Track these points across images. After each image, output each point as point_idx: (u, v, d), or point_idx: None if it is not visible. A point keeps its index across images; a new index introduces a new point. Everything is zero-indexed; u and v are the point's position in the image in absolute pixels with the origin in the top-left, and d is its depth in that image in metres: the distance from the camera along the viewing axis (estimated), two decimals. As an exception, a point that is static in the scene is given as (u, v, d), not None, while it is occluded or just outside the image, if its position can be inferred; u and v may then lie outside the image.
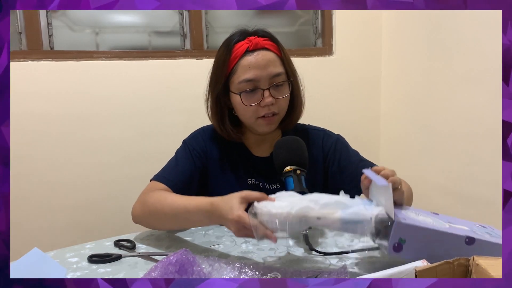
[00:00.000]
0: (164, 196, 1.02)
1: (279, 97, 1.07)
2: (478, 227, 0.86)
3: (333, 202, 0.79)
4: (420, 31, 1.96)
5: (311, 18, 2.17)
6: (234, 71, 1.06)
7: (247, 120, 1.09)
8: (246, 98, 1.05)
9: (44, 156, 1.70)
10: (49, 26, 1.74)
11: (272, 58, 1.06)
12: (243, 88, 1.05)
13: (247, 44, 1.05)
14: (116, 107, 1.77)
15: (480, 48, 1.66)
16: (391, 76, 2.19)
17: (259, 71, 1.04)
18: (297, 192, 0.94)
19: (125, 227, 1.65)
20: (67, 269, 0.86)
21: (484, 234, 0.80)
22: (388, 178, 0.82)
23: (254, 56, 1.04)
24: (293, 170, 0.96)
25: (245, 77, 1.04)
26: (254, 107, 1.06)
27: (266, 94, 1.04)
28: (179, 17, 1.91)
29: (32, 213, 1.71)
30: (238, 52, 1.05)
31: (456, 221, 0.86)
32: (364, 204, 0.81)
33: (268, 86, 1.05)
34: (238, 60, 1.05)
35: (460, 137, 1.78)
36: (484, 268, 0.59)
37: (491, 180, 1.65)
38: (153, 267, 0.75)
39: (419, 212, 0.86)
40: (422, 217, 0.83)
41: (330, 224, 0.78)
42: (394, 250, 0.76)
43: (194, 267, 0.78)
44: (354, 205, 0.79)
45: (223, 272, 0.81)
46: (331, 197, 0.81)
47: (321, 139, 1.17)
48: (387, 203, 0.78)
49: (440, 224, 0.81)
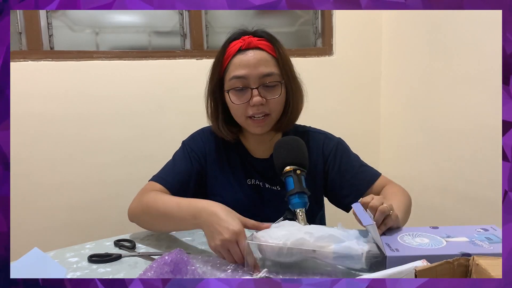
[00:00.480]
0: (160, 196, 1.03)
1: (269, 97, 1.05)
2: (479, 232, 0.85)
3: (327, 235, 0.82)
4: (420, 31, 1.96)
5: (311, 18, 2.17)
6: (226, 69, 1.07)
7: (238, 119, 1.10)
8: (236, 96, 1.05)
9: (44, 156, 1.70)
10: (49, 26, 1.74)
11: (264, 58, 1.05)
12: (232, 86, 1.05)
13: (240, 43, 1.05)
14: (116, 107, 1.77)
15: (480, 48, 1.66)
16: (391, 76, 2.18)
17: (249, 69, 1.03)
18: (297, 192, 0.94)
19: (125, 227, 1.65)
20: (67, 269, 0.86)
21: (483, 242, 0.80)
22: (376, 210, 0.85)
23: (245, 54, 1.05)
24: (293, 170, 0.97)
25: (235, 74, 1.04)
26: (243, 106, 1.05)
27: (255, 93, 1.04)
28: (179, 17, 1.91)
29: (32, 213, 1.71)
30: (232, 50, 1.06)
31: (456, 232, 0.85)
32: (358, 238, 0.83)
33: (258, 86, 1.04)
34: (231, 58, 1.06)
35: (460, 137, 1.78)
36: (484, 268, 0.59)
37: (491, 180, 1.65)
38: (148, 267, 0.75)
39: (416, 232, 0.87)
40: (418, 238, 0.84)
41: (323, 257, 0.81)
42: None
43: (189, 267, 0.78)
44: (347, 239, 0.82)
45: (217, 272, 0.81)
46: (326, 230, 0.84)
47: (322, 142, 1.16)
48: (376, 239, 0.81)
49: (436, 242, 0.81)
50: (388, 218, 0.86)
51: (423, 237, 0.84)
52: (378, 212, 0.85)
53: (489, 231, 0.86)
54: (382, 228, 0.86)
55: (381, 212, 0.85)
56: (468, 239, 0.82)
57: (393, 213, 0.88)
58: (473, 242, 0.81)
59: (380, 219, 0.85)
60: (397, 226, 0.90)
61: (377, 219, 0.84)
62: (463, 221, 1.78)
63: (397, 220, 0.89)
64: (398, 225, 0.90)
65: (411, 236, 0.85)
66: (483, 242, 0.80)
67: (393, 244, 0.81)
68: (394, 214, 0.88)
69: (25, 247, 0.88)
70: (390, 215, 0.87)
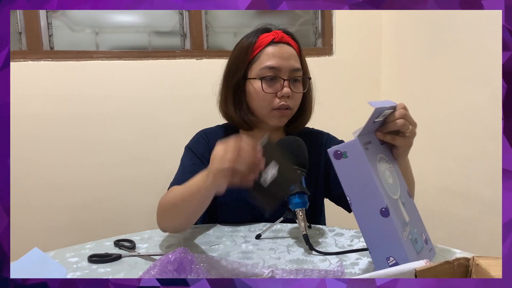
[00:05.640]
0: (173, 189, 1.02)
1: (296, 91, 1.10)
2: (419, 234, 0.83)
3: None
4: (420, 31, 1.96)
5: (311, 18, 2.17)
6: (256, 58, 1.10)
7: (262, 110, 1.11)
8: (266, 85, 1.08)
9: (44, 156, 1.70)
10: (49, 26, 1.74)
11: (294, 54, 1.11)
12: (264, 74, 1.08)
13: (273, 35, 1.10)
14: (116, 107, 1.77)
15: (480, 48, 1.66)
16: (391, 76, 2.19)
17: (282, 61, 1.08)
18: (297, 192, 0.94)
19: (125, 227, 1.65)
20: (67, 269, 0.86)
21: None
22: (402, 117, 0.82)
23: (278, 47, 1.09)
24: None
25: (268, 64, 1.08)
26: (271, 96, 1.09)
27: (285, 84, 1.08)
28: (179, 17, 1.91)
29: (32, 213, 1.71)
30: (264, 41, 1.09)
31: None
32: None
33: (288, 78, 1.09)
34: (263, 48, 1.09)
35: (460, 137, 1.78)
36: (484, 268, 0.59)
37: (491, 180, 1.65)
38: (152, 266, 0.75)
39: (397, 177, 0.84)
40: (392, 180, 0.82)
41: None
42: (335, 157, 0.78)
43: (193, 266, 0.78)
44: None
45: (222, 271, 0.81)
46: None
47: (324, 142, 1.19)
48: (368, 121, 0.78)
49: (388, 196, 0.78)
50: (401, 136, 0.84)
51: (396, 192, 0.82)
52: (400, 113, 0.81)
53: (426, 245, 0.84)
54: (386, 135, 0.83)
55: (403, 115, 0.81)
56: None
57: (411, 135, 0.85)
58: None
59: (395, 119, 0.82)
60: (403, 152, 0.87)
61: (391, 120, 0.82)
62: (463, 221, 1.78)
63: (407, 145, 0.86)
64: (404, 151, 0.87)
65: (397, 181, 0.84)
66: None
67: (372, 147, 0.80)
68: (411, 137, 0.85)
69: (25, 247, 0.88)
70: (406, 134, 0.84)
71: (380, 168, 0.80)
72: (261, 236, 1.01)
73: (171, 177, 1.13)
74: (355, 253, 0.91)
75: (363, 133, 0.79)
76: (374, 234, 0.77)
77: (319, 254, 0.90)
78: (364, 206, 0.77)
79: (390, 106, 0.81)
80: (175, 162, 1.17)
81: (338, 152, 0.78)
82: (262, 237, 1.01)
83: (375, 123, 0.81)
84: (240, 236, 1.03)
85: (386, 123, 0.83)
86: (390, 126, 0.83)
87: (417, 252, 0.78)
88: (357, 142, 0.77)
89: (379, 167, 0.80)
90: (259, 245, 0.97)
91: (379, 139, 0.84)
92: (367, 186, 0.76)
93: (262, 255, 0.92)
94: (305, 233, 0.92)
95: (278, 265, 0.87)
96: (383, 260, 0.77)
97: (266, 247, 0.96)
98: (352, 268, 0.84)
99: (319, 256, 0.90)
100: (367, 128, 0.79)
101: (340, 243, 0.97)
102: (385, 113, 0.81)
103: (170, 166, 1.76)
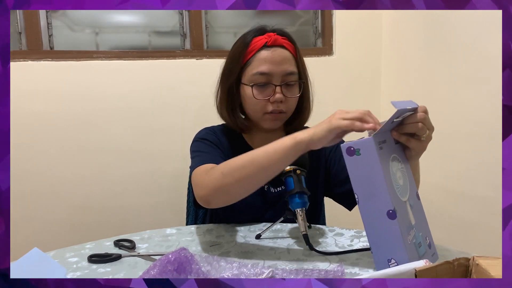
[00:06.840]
0: (241, 156, 0.91)
1: (289, 96, 1.08)
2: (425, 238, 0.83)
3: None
4: (420, 31, 1.96)
5: (311, 18, 2.17)
6: (249, 63, 1.07)
7: (255, 114, 1.10)
8: (257, 91, 1.07)
9: (43, 155, 1.70)
10: (49, 26, 1.74)
11: (288, 57, 1.08)
12: (255, 81, 1.06)
13: (265, 39, 1.07)
14: (116, 107, 1.78)
15: (480, 48, 1.66)
16: (391, 76, 2.18)
17: (274, 66, 1.05)
18: (297, 192, 0.94)
19: (125, 227, 1.65)
20: (67, 269, 0.86)
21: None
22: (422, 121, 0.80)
23: (271, 51, 1.06)
24: (293, 170, 0.97)
25: (259, 70, 1.05)
26: (263, 102, 1.07)
27: (277, 90, 1.06)
28: (179, 17, 1.91)
29: (32, 213, 1.71)
30: (256, 45, 1.07)
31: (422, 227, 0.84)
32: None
33: (281, 83, 1.06)
34: (255, 53, 1.06)
35: (460, 137, 1.78)
36: (484, 268, 0.59)
37: (491, 180, 1.65)
38: (152, 266, 0.75)
39: (409, 188, 0.84)
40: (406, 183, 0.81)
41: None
42: (348, 154, 0.78)
43: (193, 266, 0.78)
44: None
45: (222, 271, 0.81)
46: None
47: None
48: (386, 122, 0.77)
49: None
50: (416, 139, 0.82)
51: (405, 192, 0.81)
52: (420, 116, 0.79)
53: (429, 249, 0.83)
54: (402, 135, 0.82)
55: (422, 119, 0.79)
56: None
57: (426, 139, 0.82)
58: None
59: (414, 121, 0.80)
60: (415, 154, 0.85)
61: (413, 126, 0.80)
62: (463, 221, 1.78)
63: (421, 149, 0.84)
64: (417, 154, 0.85)
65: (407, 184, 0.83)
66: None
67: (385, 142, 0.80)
68: (426, 141, 0.82)
69: (25, 247, 0.88)
70: (421, 138, 0.81)
71: (392, 168, 0.80)
72: (261, 236, 1.01)
73: (171, 177, 1.12)
74: (355, 253, 0.91)
75: (380, 132, 0.78)
76: (378, 235, 0.77)
77: (319, 254, 0.90)
78: (371, 205, 0.77)
79: (411, 108, 0.79)
80: (175, 162, 1.17)
81: (351, 148, 0.78)
82: (262, 237, 1.01)
83: (393, 122, 0.79)
84: (240, 236, 1.03)
85: (404, 124, 0.82)
86: (408, 128, 0.81)
87: (419, 256, 0.78)
88: (371, 141, 0.76)
89: (391, 167, 0.79)
90: (259, 245, 0.97)
91: (394, 138, 0.84)
92: (377, 186, 0.76)
93: (262, 255, 0.92)
94: (305, 233, 0.92)
95: (278, 265, 0.87)
96: (384, 261, 0.77)
97: (266, 247, 0.96)
98: (352, 268, 0.84)
99: (319, 256, 0.90)
100: (385, 127, 0.78)
101: (340, 243, 0.97)
102: (405, 114, 0.80)
103: (170, 166, 1.77)
